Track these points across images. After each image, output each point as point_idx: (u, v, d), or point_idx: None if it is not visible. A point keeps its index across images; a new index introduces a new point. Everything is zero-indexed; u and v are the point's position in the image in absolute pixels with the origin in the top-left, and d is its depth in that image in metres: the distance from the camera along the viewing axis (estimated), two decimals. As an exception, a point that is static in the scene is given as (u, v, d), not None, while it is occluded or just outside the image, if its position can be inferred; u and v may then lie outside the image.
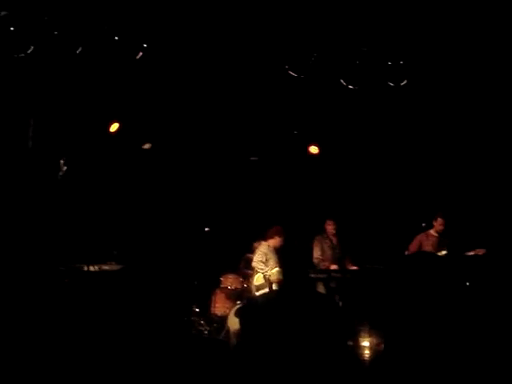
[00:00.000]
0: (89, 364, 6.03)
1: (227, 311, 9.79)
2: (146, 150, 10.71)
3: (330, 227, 9.98)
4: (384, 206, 11.07)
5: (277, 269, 9.49)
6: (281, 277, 9.13)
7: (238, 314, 8.94)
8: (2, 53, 8.29)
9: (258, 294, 9.61)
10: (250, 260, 10.07)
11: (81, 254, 9.38)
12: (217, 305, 9.91)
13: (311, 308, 8.44)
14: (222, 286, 10.10)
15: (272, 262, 9.61)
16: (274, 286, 9.50)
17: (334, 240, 9.99)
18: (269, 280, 9.56)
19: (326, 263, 9.83)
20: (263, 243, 9.76)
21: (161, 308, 9.13)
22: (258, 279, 9.70)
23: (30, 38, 8.15)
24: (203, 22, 8.54)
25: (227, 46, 8.87)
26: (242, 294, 9.99)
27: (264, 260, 9.60)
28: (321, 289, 9.47)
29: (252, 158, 11.33)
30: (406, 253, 9.65)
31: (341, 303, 9.06)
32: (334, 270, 9.61)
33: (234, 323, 9.25)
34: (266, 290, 9.56)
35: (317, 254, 9.93)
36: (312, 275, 9.42)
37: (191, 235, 10.29)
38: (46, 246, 9.08)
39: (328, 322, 8.24)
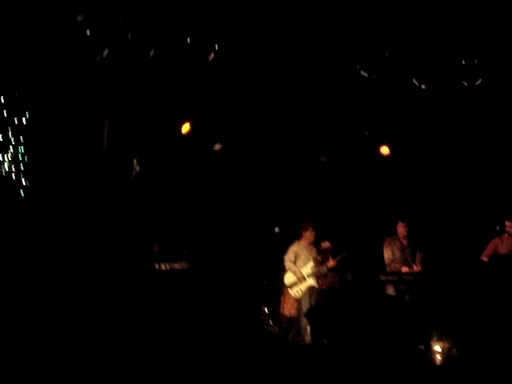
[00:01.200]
0: (162, 357, 6.19)
1: (296, 312, 9.83)
2: (216, 150, 10.75)
3: (401, 229, 9.87)
4: (456, 207, 10.84)
5: (311, 264, 9.84)
6: (315, 271, 9.61)
7: (307, 315, 9.35)
8: (78, 56, 8.54)
9: (291, 291, 9.79)
10: (319, 261, 10.07)
11: (153, 253, 9.60)
12: (285, 305, 9.90)
13: (380, 310, 8.46)
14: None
15: (304, 258, 9.87)
16: (311, 281, 9.78)
17: (405, 242, 9.85)
18: (302, 276, 9.74)
19: (397, 265, 9.72)
20: (295, 242, 9.97)
21: (230, 307, 9.28)
22: (288, 278, 9.87)
23: (104, 42, 8.36)
24: (274, 22, 8.58)
25: (299, 46, 8.85)
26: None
27: (293, 258, 9.85)
28: (390, 291, 9.47)
29: (322, 159, 11.24)
30: (481, 258, 9.41)
31: (412, 306, 9.01)
32: (404, 273, 9.54)
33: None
34: (300, 286, 9.77)
35: (387, 255, 9.86)
36: (382, 277, 9.56)
37: (262, 235, 10.34)
38: (120, 245, 9.28)
39: (397, 325, 8.24)
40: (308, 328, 9.44)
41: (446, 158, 10.82)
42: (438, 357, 7.51)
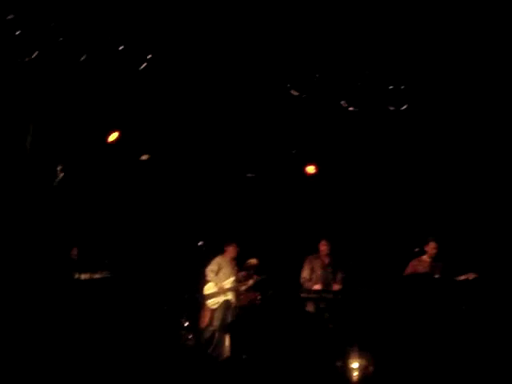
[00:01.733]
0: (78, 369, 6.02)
1: (215, 326, 9.77)
2: (143, 160, 10.69)
3: (323, 247, 9.95)
4: (379, 229, 10.98)
5: (231, 279, 9.88)
6: (234, 287, 9.65)
7: (227, 329, 9.44)
8: (6, 56, 8.33)
9: (208, 302, 9.81)
10: (246, 278, 10.11)
11: (73, 262, 9.45)
12: (205, 319, 9.87)
13: (300, 327, 8.53)
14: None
15: (226, 272, 9.92)
16: (229, 296, 9.83)
17: (326, 261, 9.93)
18: (222, 289, 9.79)
19: (310, 283, 9.79)
20: (219, 255, 10.02)
21: (150, 320, 9.16)
22: (208, 288, 9.88)
23: (34, 43, 8.18)
24: (206, 37, 8.57)
25: (229, 62, 8.88)
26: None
27: (216, 269, 9.88)
28: (311, 308, 9.53)
29: (249, 175, 11.31)
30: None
31: (330, 324, 9.14)
32: (324, 291, 9.63)
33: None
34: (218, 298, 9.80)
35: (305, 273, 9.92)
36: (303, 295, 9.63)
37: (185, 248, 10.37)
38: (38, 253, 9.06)
39: (316, 342, 8.31)
40: (226, 342, 9.47)
41: (369, 180, 10.96)
42: (355, 374, 7.56)
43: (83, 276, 9.23)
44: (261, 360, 7.94)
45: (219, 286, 9.81)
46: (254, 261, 10.27)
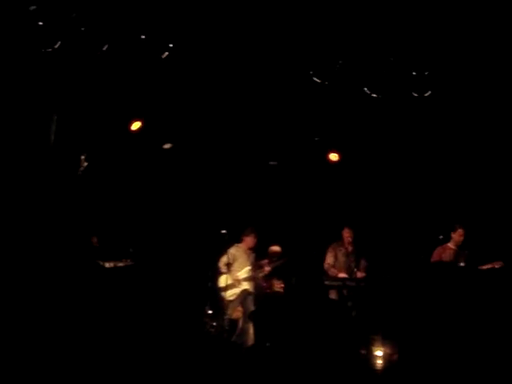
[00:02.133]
0: (97, 360, 6.07)
1: (240, 314, 9.82)
2: (166, 149, 10.72)
3: (346, 235, 9.97)
4: (403, 216, 10.92)
5: (247, 268, 9.85)
6: (251, 276, 9.62)
7: (251, 317, 9.42)
8: (29, 47, 8.35)
9: (225, 295, 9.74)
10: (263, 265, 10.11)
11: (98, 250, 9.55)
12: (229, 307, 9.80)
13: (323, 314, 8.53)
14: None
15: (241, 262, 9.89)
16: (245, 285, 9.80)
17: (350, 248, 9.96)
18: (237, 280, 9.76)
19: (335, 270, 9.82)
20: (234, 245, 9.96)
21: (174, 308, 9.20)
22: (221, 281, 9.85)
23: (57, 34, 8.20)
24: (230, 25, 8.55)
25: (253, 49, 8.85)
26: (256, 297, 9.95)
27: (230, 261, 9.79)
28: (333, 296, 9.57)
29: (271, 163, 11.30)
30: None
31: (354, 312, 9.20)
32: (348, 279, 9.62)
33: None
34: (235, 290, 9.77)
35: (329, 260, 9.96)
36: (326, 282, 9.62)
37: (208, 237, 10.28)
38: (65, 241, 9.14)
39: (339, 329, 8.31)
40: (251, 330, 9.49)
41: (393, 167, 10.93)
42: (379, 362, 7.52)
43: (107, 264, 9.27)
44: (285, 348, 7.95)
45: (234, 277, 9.79)
46: (276, 248, 10.30)
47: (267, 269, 9.92)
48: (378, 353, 7.57)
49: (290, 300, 9.64)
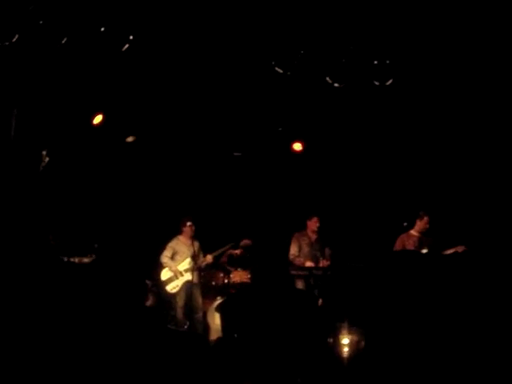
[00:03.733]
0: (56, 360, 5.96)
1: (207, 307, 9.93)
2: (129, 143, 10.66)
3: (312, 224, 9.95)
4: (365, 204, 11.05)
5: (188, 259, 9.88)
6: (193, 266, 9.62)
7: (217, 309, 9.11)
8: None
9: (167, 288, 9.82)
10: (234, 256, 10.34)
11: (62, 246, 9.32)
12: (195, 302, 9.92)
13: (290, 304, 8.50)
14: (202, 281, 10.16)
15: (182, 253, 9.93)
16: (188, 276, 9.83)
17: (313, 237, 9.97)
18: (178, 272, 9.81)
19: (301, 259, 9.80)
20: (174, 238, 10.00)
21: (137, 302, 9.08)
22: (164, 274, 9.89)
23: (15, 27, 8.04)
24: (189, 15, 8.45)
25: (213, 40, 8.80)
26: (223, 290, 10.07)
27: (170, 255, 9.89)
28: (300, 285, 9.58)
29: (235, 154, 11.31)
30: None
31: (320, 300, 9.06)
32: (314, 268, 9.62)
33: (214, 318, 9.57)
34: (177, 282, 9.82)
35: (293, 250, 9.93)
36: (292, 272, 9.63)
37: (172, 228, 10.23)
38: (27, 237, 8.84)
39: (307, 318, 8.30)
40: (217, 321, 9.26)
41: (356, 156, 10.99)
42: (346, 349, 7.49)
43: (72, 260, 9.04)
44: (252, 339, 7.92)
45: (174, 269, 9.82)
46: (247, 241, 10.40)
47: (209, 258, 10.00)
48: (345, 341, 7.53)
49: (257, 290, 9.58)
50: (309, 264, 9.71)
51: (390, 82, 9.09)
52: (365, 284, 8.65)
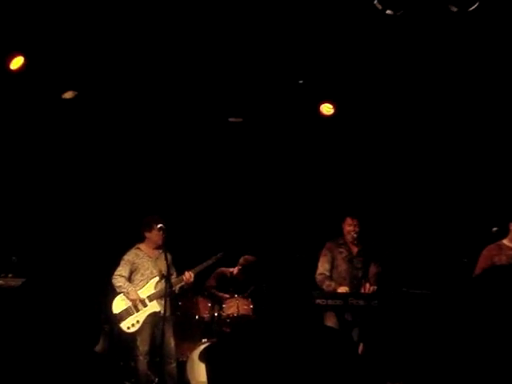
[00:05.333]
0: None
1: (186, 354, 9.49)
2: (67, 99, 10.03)
3: (349, 228, 9.34)
4: (429, 199, 10.71)
5: (154, 279, 9.23)
6: (159, 290, 9.15)
7: (203, 357, 8.91)
8: None
9: (122, 326, 9.09)
10: (227, 276, 10.27)
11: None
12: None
13: (315, 351, 7.44)
14: (178, 314, 9.73)
15: (145, 272, 9.31)
16: (153, 307, 9.18)
17: (355, 249, 9.42)
18: (139, 300, 9.16)
19: (333, 283, 9.27)
20: (133, 248, 9.42)
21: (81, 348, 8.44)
22: (117, 304, 9.18)
23: None
24: None
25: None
26: (211, 328, 9.81)
27: (127, 274, 9.24)
28: (331, 322, 9.01)
29: (231, 119, 10.76)
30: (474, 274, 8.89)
31: (361, 346, 8.75)
32: (352, 294, 8.95)
33: (196, 372, 9.16)
34: (137, 316, 9.14)
35: (322, 268, 9.44)
36: (318, 301, 8.81)
37: (131, 233, 9.68)
38: None
39: (340, 376, 7.31)
40: (201, 375, 8.84)
41: (417, 125, 10.48)
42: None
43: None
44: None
45: (132, 296, 9.08)
46: (248, 257, 10.27)
47: (188, 277, 9.18)
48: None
49: (263, 330, 8.55)
50: (344, 289, 9.09)
51: (476, 5, 7.92)
52: (432, 322, 7.98)
